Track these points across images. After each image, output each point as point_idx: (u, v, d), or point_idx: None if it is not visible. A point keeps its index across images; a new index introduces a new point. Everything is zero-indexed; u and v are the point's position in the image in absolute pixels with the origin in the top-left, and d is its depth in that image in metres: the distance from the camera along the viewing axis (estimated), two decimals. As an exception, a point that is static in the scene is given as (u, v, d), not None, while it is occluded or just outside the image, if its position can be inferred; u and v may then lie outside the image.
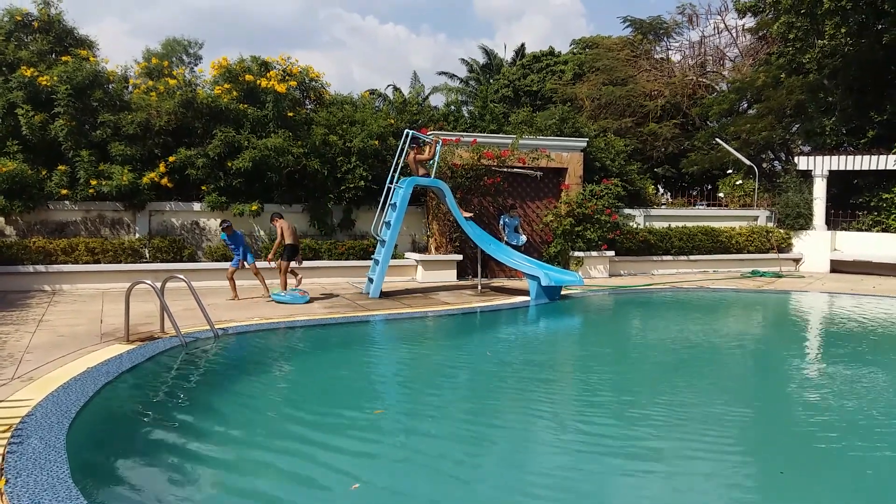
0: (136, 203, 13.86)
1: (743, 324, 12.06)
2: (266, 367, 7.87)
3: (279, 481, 4.61)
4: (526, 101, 31.70)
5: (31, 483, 4.07)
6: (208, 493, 4.40)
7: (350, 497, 4.34)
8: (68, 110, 13.43)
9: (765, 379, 8.02)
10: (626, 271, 17.27)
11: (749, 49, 27.35)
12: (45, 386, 6.08)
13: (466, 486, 4.63)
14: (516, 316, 11.82)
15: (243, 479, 4.65)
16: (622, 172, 17.82)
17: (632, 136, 25.58)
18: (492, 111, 18.88)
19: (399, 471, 4.89)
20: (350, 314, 10.63)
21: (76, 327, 9.02)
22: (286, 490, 4.48)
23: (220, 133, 14.09)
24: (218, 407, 6.20)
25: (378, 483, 4.63)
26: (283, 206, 14.97)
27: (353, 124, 15.65)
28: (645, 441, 5.47)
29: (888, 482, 4.79)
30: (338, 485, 4.54)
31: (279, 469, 4.83)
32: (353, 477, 4.61)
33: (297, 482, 4.63)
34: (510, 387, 7.37)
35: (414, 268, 15.38)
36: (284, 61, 15.77)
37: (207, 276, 13.50)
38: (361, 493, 4.40)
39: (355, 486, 4.48)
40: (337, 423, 5.88)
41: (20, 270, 12.56)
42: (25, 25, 14.91)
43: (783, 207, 19.46)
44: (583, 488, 4.61)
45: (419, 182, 13.07)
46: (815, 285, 15.79)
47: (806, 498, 4.58)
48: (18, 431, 4.90)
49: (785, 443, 5.59)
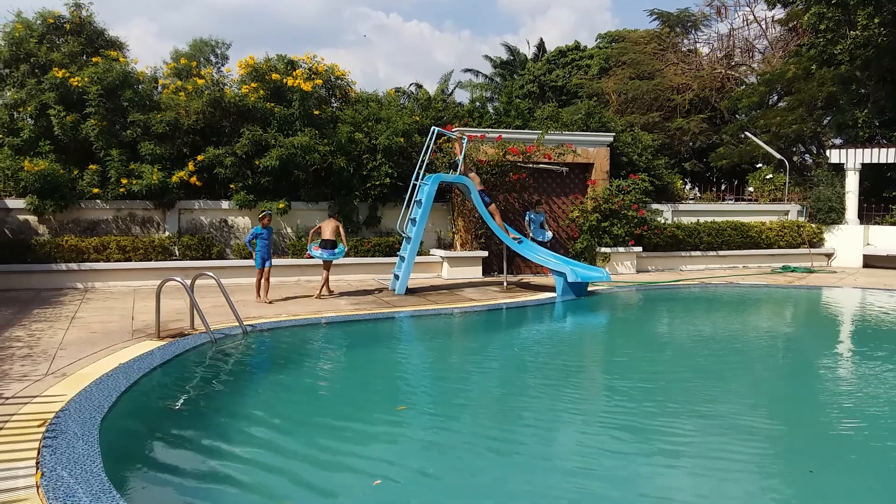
0: (165, 202, 14.05)
1: (775, 321, 11.86)
2: (294, 363, 7.93)
3: (308, 475, 4.65)
4: (551, 96, 31.54)
5: (65, 476, 4.14)
6: (239, 487, 4.44)
7: (374, 493, 4.36)
8: (99, 110, 13.66)
9: (797, 377, 7.89)
10: (653, 267, 17.09)
11: (779, 41, 26.88)
12: (78, 382, 6.18)
13: (495, 482, 4.62)
14: (543, 313, 11.77)
15: (273, 474, 4.69)
16: (649, 167, 17.63)
17: (659, 130, 25.30)
18: (517, 107, 18.79)
19: (426, 466, 4.90)
20: (376, 311, 10.67)
21: (108, 324, 9.17)
22: (314, 485, 4.51)
23: (248, 132, 14.22)
24: (247, 402, 6.26)
25: (404, 478, 4.64)
26: (310, 204, 15.09)
27: (378, 122, 15.69)
28: (674, 438, 5.41)
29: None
30: (364, 480, 4.56)
31: (308, 463, 4.86)
32: (379, 473, 4.63)
33: (324, 477, 4.65)
34: (536, 384, 7.34)
35: (439, 264, 15.38)
36: (310, 60, 15.86)
37: (236, 274, 13.66)
38: (389, 488, 4.41)
39: (377, 482, 4.49)
40: (364, 419, 5.90)
41: (53, 269, 12.81)
42: (58, 28, 15.16)
43: (814, 202, 19.11)
44: (607, 487, 4.58)
45: (444, 179, 13.07)
46: (847, 280, 15.49)
47: (840, 497, 4.50)
48: (53, 426, 5.00)
49: (819, 442, 5.49)
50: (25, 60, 14.38)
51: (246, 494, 4.34)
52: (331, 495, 4.41)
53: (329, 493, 4.42)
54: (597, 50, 32.96)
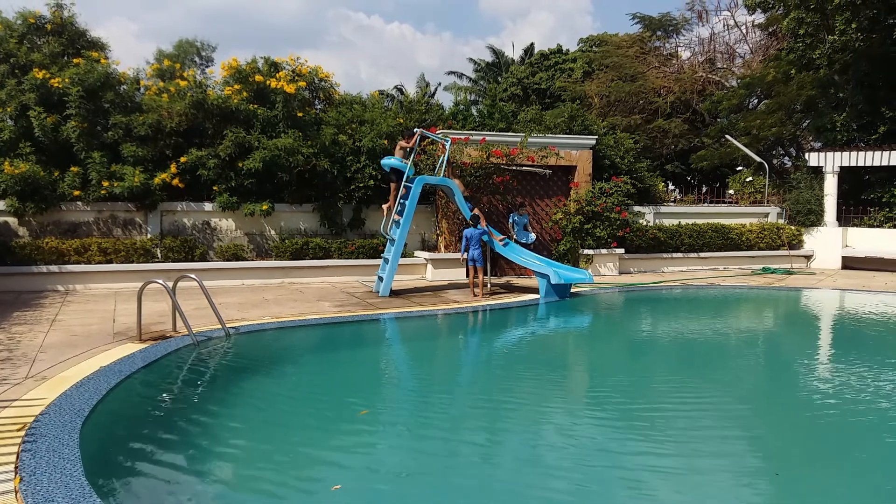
0: (147, 203, 13.96)
1: (754, 321, 12.01)
2: (276, 365, 7.92)
3: (288, 478, 4.67)
4: (535, 99, 31.67)
5: (45, 481, 4.13)
6: (220, 490, 4.45)
7: (341, 498, 4.39)
8: (80, 112, 13.55)
9: (775, 376, 8.00)
10: (635, 269, 17.23)
11: (759, 45, 27.19)
12: (58, 385, 6.15)
13: (475, 484, 4.66)
14: (526, 314, 11.83)
15: (254, 477, 4.70)
16: (632, 170, 17.77)
17: (641, 132, 25.52)
18: (500, 109, 18.87)
19: (407, 468, 4.93)
20: (360, 313, 10.68)
21: (89, 327, 9.11)
22: (294, 487, 4.53)
23: (231, 133, 14.17)
24: (229, 405, 6.26)
25: (384, 481, 4.67)
26: (294, 206, 15.08)
27: (362, 124, 15.70)
28: (655, 438, 5.48)
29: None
30: (344, 482, 4.59)
31: (289, 466, 4.88)
32: (340, 479, 4.65)
33: (304, 479, 4.68)
34: (519, 385, 7.39)
35: (424, 266, 15.41)
36: (294, 62, 15.84)
37: (218, 276, 13.61)
38: (366, 491, 4.44)
39: (336, 486, 4.52)
40: (345, 421, 5.92)
41: (33, 271, 12.69)
42: (38, 28, 15.01)
43: (794, 204, 19.35)
44: (590, 487, 4.63)
45: (428, 181, 13.10)
46: (826, 282, 15.71)
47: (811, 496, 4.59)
48: (32, 430, 4.98)
49: (790, 439, 5.59)
50: (5, 61, 14.25)
51: (228, 497, 4.35)
52: (312, 495, 4.43)
53: (313, 494, 4.45)
54: (580, 53, 33.17)
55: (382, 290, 12.49)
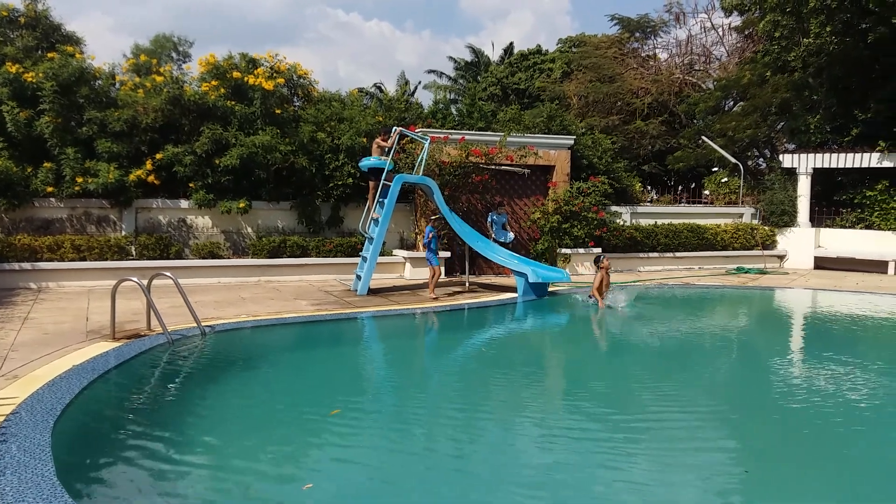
0: (122, 200, 13.80)
1: (728, 320, 12.18)
2: (252, 364, 7.88)
3: (261, 477, 4.65)
4: (514, 98, 31.76)
5: (15, 481, 4.07)
6: (192, 490, 4.42)
7: (313, 497, 4.39)
8: (54, 107, 13.35)
9: (747, 373, 8.12)
10: (612, 268, 17.31)
11: (735, 47, 27.52)
12: (30, 384, 6.07)
13: (454, 482, 4.68)
14: (504, 312, 11.88)
15: (227, 476, 4.68)
16: (609, 170, 17.91)
17: (619, 133, 25.70)
18: (480, 109, 18.91)
19: (385, 467, 4.94)
20: (338, 311, 10.65)
21: (62, 325, 9.00)
22: (268, 486, 4.52)
23: (208, 130, 14.05)
24: (203, 404, 6.22)
25: (364, 480, 4.68)
26: (272, 204, 14.99)
27: (341, 121, 15.64)
28: (631, 434, 5.54)
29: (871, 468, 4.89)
30: (316, 480, 4.59)
31: (261, 465, 4.87)
32: (312, 478, 4.65)
33: (278, 479, 4.67)
34: (497, 383, 7.43)
35: (402, 265, 15.41)
36: (272, 58, 15.73)
37: (195, 274, 13.49)
38: (338, 490, 4.44)
39: (308, 485, 4.52)
40: (318, 420, 5.91)
41: (5, 268, 12.49)
42: (11, 21, 14.78)
43: (768, 205, 19.63)
44: (567, 482, 4.67)
45: (408, 179, 13.09)
46: (798, 282, 15.95)
47: (786, 492, 4.67)
48: (3, 429, 4.91)
49: (763, 436, 5.68)
50: (-23, 54, 14.02)
51: (201, 496, 4.34)
52: (288, 495, 4.42)
53: (287, 493, 4.44)
54: (558, 53, 33.30)
55: (361, 288, 12.47)
